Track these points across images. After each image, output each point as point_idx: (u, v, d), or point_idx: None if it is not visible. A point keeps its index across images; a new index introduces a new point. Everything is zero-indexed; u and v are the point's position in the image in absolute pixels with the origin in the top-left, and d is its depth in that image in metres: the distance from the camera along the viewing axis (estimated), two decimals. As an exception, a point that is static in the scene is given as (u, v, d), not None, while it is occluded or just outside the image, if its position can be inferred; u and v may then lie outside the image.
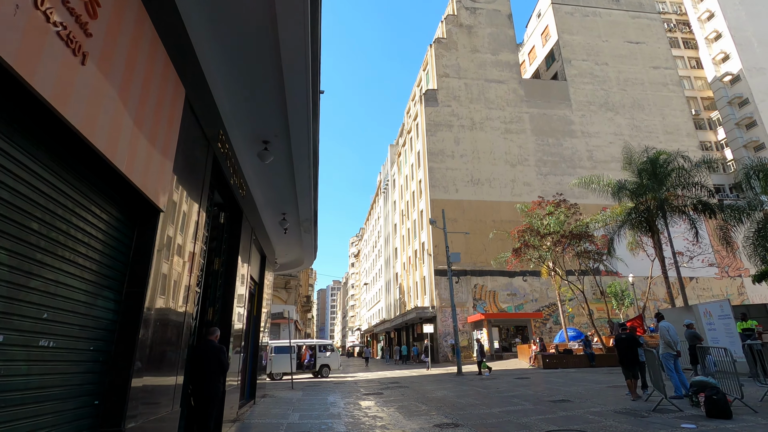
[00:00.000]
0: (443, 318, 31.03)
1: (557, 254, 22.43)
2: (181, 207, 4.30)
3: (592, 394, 9.73)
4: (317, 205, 10.04)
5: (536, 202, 23.47)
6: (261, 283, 11.12)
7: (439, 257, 32.68)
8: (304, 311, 44.68)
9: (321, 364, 20.50)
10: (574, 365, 17.97)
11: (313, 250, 12.90)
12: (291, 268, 15.99)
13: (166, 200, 3.80)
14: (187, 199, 4.45)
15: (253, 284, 10.51)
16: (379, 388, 13.80)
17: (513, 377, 15.02)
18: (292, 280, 26.47)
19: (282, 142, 6.72)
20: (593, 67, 41.58)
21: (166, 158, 3.76)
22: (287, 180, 8.01)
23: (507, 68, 39.91)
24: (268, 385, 16.20)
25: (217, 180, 6.22)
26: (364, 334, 71.22)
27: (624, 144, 24.39)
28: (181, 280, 4.37)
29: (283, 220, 10.18)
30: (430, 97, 37.62)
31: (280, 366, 18.72)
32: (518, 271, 33.19)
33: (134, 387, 3.29)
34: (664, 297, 35.57)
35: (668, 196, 20.28)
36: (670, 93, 41.72)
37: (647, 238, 24.47)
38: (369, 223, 77.99)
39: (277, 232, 11.40)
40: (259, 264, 11.17)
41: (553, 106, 39.22)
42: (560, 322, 32.94)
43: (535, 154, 37.24)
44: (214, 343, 5.67)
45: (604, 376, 13.77)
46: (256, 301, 10.86)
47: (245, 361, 10.11)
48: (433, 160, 35.56)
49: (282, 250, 13.52)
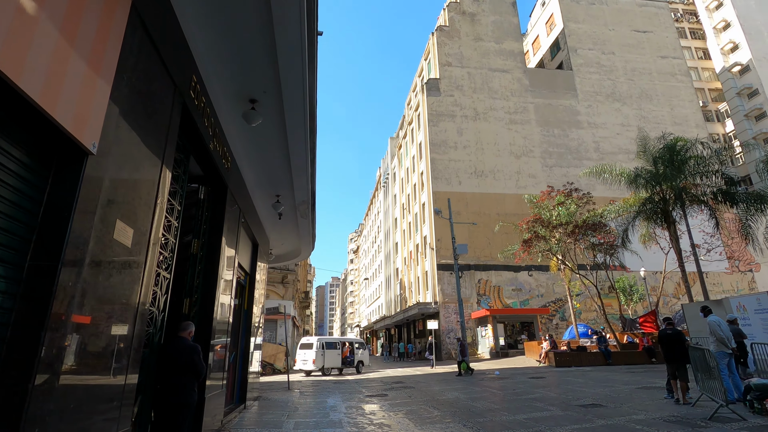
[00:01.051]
0: (446, 314, 29.99)
1: (568, 246, 21.34)
2: (129, 155, 3.17)
3: (624, 398, 8.66)
4: (315, 185, 8.92)
5: (546, 192, 22.37)
6: (253, 273, 10.00)
7: (441, 251, 31.63)
8: (302, 307, 43.63)
9: (357, 360, 21.71)
10: (589, 363, 16.93)
11: (310, 238, 11.79)
12: (287, 259, 14.87)
13: (99, 139, 2.67)
14: (139, 146, 3.32)
15: (243, 274, 9.40)
16: (383, 388, 12.73)
17: (526, 376, 13.97)
18: (289, 275, 25.37)
19: (272, 101, 5.60)
20: (600, 56, 40.42)
21: (97, 75, 2.63)
22: (280, 151, 6.88)
23: (511, 57, 38.73)
24: (264, 385, 15.12)
25: (191, 141, 5.08)
26: (363, 330, 70.23)
27: (638, 131, 23.05)
28: (131, 255, 3.25)
29: (276, 202, 9.08)
30: (432, 86, 36.43)
31: (331, 361, 19.96)
32: (523, 265, 32.11)
33: (35, 410, 2.17)
34: (674, 292, 34.68)
35: (686, 184, 19.21)
36: (678, 83, 40.60)
37: (661, 231, 23.54)
38: (368, 219, 76.89)
39: (271, 218, 10.30)
40: (251, 252, 10.05)
41: (558, 96, 38.08)
42: (566, 318, 32.04)
43: (540, 146, 36.13)
44: (186, 341, 4.57)
45: (627, 376, 12.71)
46: (246, 294, 9.75)
47: (235, 361, 9.02)
48: (436, 151, 34.41)
49: (277, 239, 12.41)
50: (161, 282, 4.44)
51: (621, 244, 20.10)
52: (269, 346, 21.97)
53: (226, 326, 6.86)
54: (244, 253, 9.34)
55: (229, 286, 7.05)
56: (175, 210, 4.80)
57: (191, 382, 4.47)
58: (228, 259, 6.91)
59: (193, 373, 4.48)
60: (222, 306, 6.57)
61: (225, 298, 6.83)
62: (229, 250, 6.89)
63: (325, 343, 19.89)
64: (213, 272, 6.12)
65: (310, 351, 19.15)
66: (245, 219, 8.26)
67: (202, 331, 5.78)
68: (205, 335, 5.77)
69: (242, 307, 9.59)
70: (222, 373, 6.70)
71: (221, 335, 6.54)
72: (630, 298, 30.83)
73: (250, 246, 9.99)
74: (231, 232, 6.98)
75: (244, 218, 8.19)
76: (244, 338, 9.39)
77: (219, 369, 6.52)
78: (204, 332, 5.78)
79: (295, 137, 6.35)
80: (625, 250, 21.73)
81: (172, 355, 4.44)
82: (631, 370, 14.50)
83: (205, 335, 5.76)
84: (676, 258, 19.55)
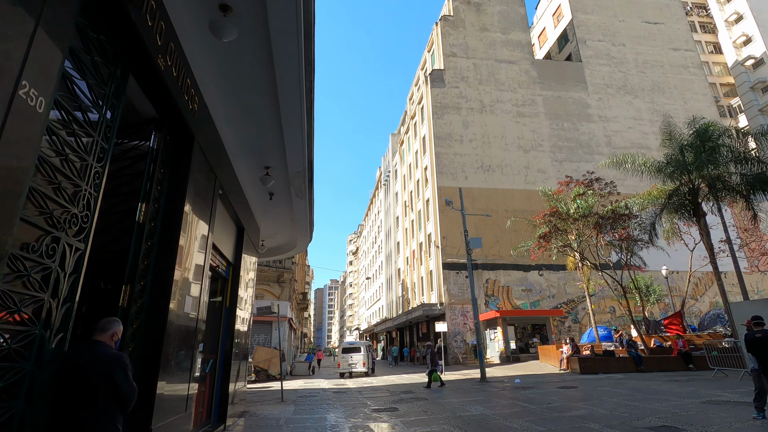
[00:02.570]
0: (453, 316, 28.26)
1: (588, 241, 19.63)
2: None
3: (699, 417, 6.94)
4: (313, 151, 7.22)
5: (563, 183, 20.65)
6: (237, 264, 8.29)
7: (447, 249, 29.94)
8: (300, 309, 41.82)
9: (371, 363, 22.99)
10: (618, 369, 15.22)
11: (307, 225, 10.07)
12: (281, 253, 13.15)
13: None
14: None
15: (225, 264, 7.69)
16: (391, 400, 11.00)
17: (554, 386, 12.24)
18: (285, 273, 23.63)
19: (251, 6, 3.94)
20: (610, 48, 38.91)
21: None
22: (265, 93, 5.20)
23: (518, 48, 37.18)
24: (254, 395, 13.38)
25: (125, 44, 3.36)
26: (363, 333, 68.36)
27: (663, 118, 21.42)
28: None
29: (266, 175, 7.38)
30: (437, 77, 34.83)
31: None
32: (534, 264, 30.49)
33: None
34: (692, 293, 32.98)
35: (720, 173, 17.58)
36: (691, 76, 39.10)
37: (684, 226, 21.90)
38: (368, 219, 75.19)
39: (261, 199, 8.60)
40: (235, 238, 8.34)
41: (568, 89, 36.53)
42: (579, 320, 30.33)
43: (549, 139, 34.52)
44: (104, 348, 2.87)
45: (673, 385, 11.00)
46: (230, 288, 8.03)
47: (213, 370, 7.30)
48: (440, 144, 32.76)
49: (269, 227, 10.70)
50: (63, 252, 2.72)
51: (648, 239, 18.39)
52: (263, 350, 20.23)
53: (194, 327, 5.13)
54: (225, 238, 7.63)
55: (199, 274, 5.33)
56: (97, 145, 3.08)
57: (110, 414, 2.76)
58: (198, 238, 5.20)
59: (114, 398, 2.77)
60: (188, 299, 4.86)
61: (194, 288, 5.12)
62: (198, 224, 5.17)
63: (368, 346, 22.94)
64: (170, 251, 4.40)
65: (358, 354, 21.26)
66: (224, 191, 6.55)
67: (150, 334, 4.07)
68: (154, 339, 4.05)
69: (224, 304, 7.87)
70: (186, 386, 4.97)
71: (185, 339, 4.82)
72: (646, 299, 29.10)
73: (234, 230, 8.28)
74: (201, 202, 5.27)
75: (223, 190, 6.48)
76: (226, 342, 7.66)
77: (181, 381, 4.79)
78: (153, 335, 4.06)
79: (285, 67, 4.65)
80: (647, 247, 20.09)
81: (80, 369, 2.74)
82: (671, 378, 12.79)
83: (153, 339, 4.04)
84: (708, 254, 17.93)
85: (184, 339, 4.76)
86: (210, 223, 5.65)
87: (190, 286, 4.92)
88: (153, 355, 4.03)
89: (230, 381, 8.24)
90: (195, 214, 5.02)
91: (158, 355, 4.05)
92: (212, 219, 5.75)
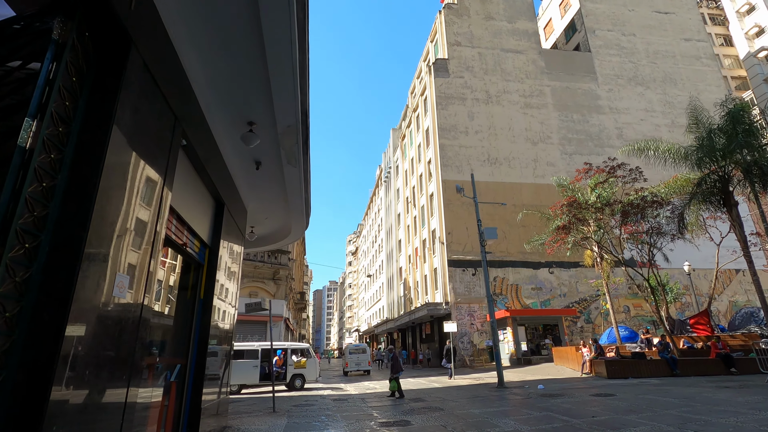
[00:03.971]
0: (459, 315, 26.72)
1: (610, 233, 18.10)
2: None
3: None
4: (308, 97, 5.69)
5: (582, 170, 19.10)
6: (215, 247, 6.75)
7: (453, 245, 28.41)
8: (298, 309, 40.20)
9: None
10: (650, 373, 13.68)
11: (302, 203, 8.51)
12: (274, 241, 11.59)
13: None
14: None
15: (198, 245, 6.15)
16: (401, 410, 9.45)
17: (586, 393, 10.69)
18: (281, 270, 22.07)
19: None
20: (620, 37, 37.54)
21: None
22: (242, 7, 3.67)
23: (525, 37, 35.76)
24: (242, 405, 11.83)
25: None
26: (362, 335, 66.74)
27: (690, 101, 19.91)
28: None
29: (249, 132, 5.85)
30: (441, 67, 33.36)
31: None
32: (543, 261, 29.04)
33: None
34: (709, 292, 31.39)
35: (756, 158, 16.09)
36: (704, 67, 37.72)
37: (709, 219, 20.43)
38: (368, 218, 73.65)
39: (245, 169, 7.08)
40: (212, 214, 6.80)
41: (577, 80, 35.10)
42: (592, 320, 28.78)
43: (558, 132, 33.07)
44: None
45: (732, 393, 9.46)
46: (205, 275, 6.49)
47: (182, 377, 5.76)
48: (445, 136, 31.27)
49: (257, 209, 9.16)
50: None
51: (678, 231, 16.88)
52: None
53: (132, 317, 3.57)
54: (199, 212, 6.09)
55: (144, 242, 3.78)
56: None
57: None
58: (141, 190, 3.65)
59: None
60: (119, 278, 3.31)
61: (131, 260, 3.57)
62: (142, 171, 3.63)
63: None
64: (83, 198, 2.86)
65: (364, 355, 24.00)
66: (190, 144, 5.02)
67: (40, 326, 2.53)
68: (47, 334, 2.50)
69: (197, 295, 6.33)
70: (122, 398, 3.41)
71: (116, 334, 3.27)
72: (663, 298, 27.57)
73: (210, 204, 6.74)
74: (148, 142, 3.72)
75: (189, 141, 4.94)
76: (199, 343, 6.11)
77: (110, 393, 3.24)
78: (44, 328, 2.52)
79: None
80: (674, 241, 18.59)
81: None
82: (717, 384, 11.25)
83: (44, 334, 2.50)
84: (741, 247, 16.43)
85: (112, 334, 3.21)
86: (165, 177, 4.10)
87: (124, 256, 3.38)
88: (42, 357, 2.48)
89: (211, 389, 6.70)
90: (136, 154, 3.48)
91: (53, 357, 2.50)
92: (169, 172, 4.20)
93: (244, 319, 20.05)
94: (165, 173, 4.15)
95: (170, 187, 4.28)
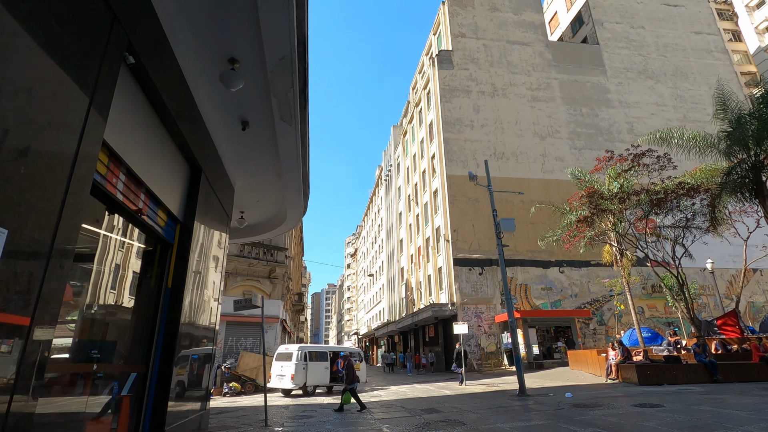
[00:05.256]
0: (466, 317, 25.29)
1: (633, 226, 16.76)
2: None
3: None
4: (306, 19, 4.32)
5: (603, 158, 17.73)
6: (189, 224, 5.36)
7: (458, 243, 27.04)
8: (296, 311, 38.71)
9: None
10: (687, 379, 12.29)
11: (299, 175, 7.12)
12: (268, 229, 10.19)
13: None
14: None
15: (164, 217, 4.76)
16: (414, 424, 8.05)
17: (626, 403, 9.30)
18: (278, 267, 20.65)
19: None
20: (628, 30, 36.38)
21: None
22: None
23: (531, 29, 34.56)
24: (231, 414, 10.40)
25: None
26: (362, 338, 65.18)
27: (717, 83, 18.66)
28: None
29: (231, 71, 4.49)
30: (444, 58, 32.10)
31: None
32: (554, 260, 27.70)
33: None
34: (726, 292, 30.12)
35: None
36: (715, 61, 36.59)
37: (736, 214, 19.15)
38: (367, 219, 72.25)
39: (228, 128, 5.73)
40: (186, 182, 5.41)
41: (585, 73, 33.88)
42: (605, 322, 27.38)
43: (567, 126, 31.79)
44: None
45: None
46: (174, 258, 5.09)
47: (141, 389, 4.36)
48: (449, 130, 29.97)
49: (247, 186, 7.79)
50: None
51: (711, 223, 15.57)
52: (250, 357, 17.24)
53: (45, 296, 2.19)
54: (165, 175, 4.72)
55: (64, 177, 2.41)
56: None
57: None
58: (47, 86, 2.27)
59: None
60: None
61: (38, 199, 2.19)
62: (51, 66, 2.25)
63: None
64: None
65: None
66: (140, 62, 3.63)
67: None
68: None
69: (164, 283, 4.94)
70: None
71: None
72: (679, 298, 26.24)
73: (183, 168, 5.36)
74: (55, 25, 2.34)
75: (137, 57, 3.56)
76: (164, 345, 4.71)
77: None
78: None
79: None
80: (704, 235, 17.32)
81: None
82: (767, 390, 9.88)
83: None
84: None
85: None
86: (92, 94, 2.72)
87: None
88: None
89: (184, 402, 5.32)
90: (36, 37, 2.10)
91: None
92: (100, 91, 2.82)
93: (236, 320, 18.62)
94: (93, 90, 2.77)
95: (103, 112, 2.89)
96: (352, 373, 10.53)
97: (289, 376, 14.52)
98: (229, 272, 19.30)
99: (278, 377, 15.04)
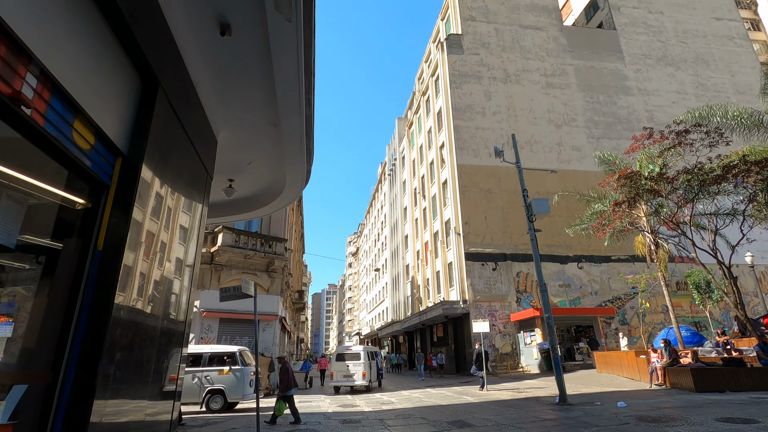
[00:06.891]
0: (479, 315, 23.51)
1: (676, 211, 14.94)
2: None
3: None
4: None
5: (641, 136, 15.88)
6: (137, 161, 3.59)
7: (470, 237, 25.31)
8: (296, 310, 36.96)
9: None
10: (753, 385, 10.53)
11: (301, 119, 5.36)
12: (262, 204, 8.43)
13: None
14: None
15: (90, 139, 3.00)
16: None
17: (707, 417, 7.53)
18: (276, 260, 18.90)
19: None
20: (646, 15, 34.66)
21: None
22: None
23: (545, 13, 32.87)
24: (216, 428, 8.66)
25: None
26: (364, 339, 63.38)
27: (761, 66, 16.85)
28: None
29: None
30: (454, 42, 30.39)
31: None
32: (572, 255, 25.97)
33: None
34: (754, 290, 28.34)
35: None
36: (737, 47, 34.86)
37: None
38: (370, 217, 70.50)
39: (201, 30, 3.98)
40: (132, 98, 3.64)
41: (602, 59, 32.16)
42: (627, 321, 25.61)
43: (584, 113, 30.06)
44: None
45: None
46: (109, 207, 3.33)
47: (39, 409, 2.58)
48: (460, 117, 28.25)
49: (233, 137, 6.04)
50: None
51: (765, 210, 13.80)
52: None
53: None
54: (87, 68, 2.94)
55: None
56: None
57: None
58: None
59: None
60: None
61: None
62: None
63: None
64: None
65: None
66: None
67: None
68: None
69: (93, 244, 3.18)
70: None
71: None
72: (708, 297, 24.45)
73: (129, 78, 3.58)
74: None
75: None
76: (85, 340, 2.95)
77: None
78: None
79: None
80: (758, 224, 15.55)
81: None
82: None
83: None
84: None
85: None
86: None
87: None
88: None
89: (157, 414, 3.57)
90: None
91: None
92: None
93: (230, 317, 16.88)
94: None
95: None
96: (287, 378, 8.70)
97: (361, 374, 15.95)
98: (222, 264, 17.57)
99: (345, 377, 16.14)
